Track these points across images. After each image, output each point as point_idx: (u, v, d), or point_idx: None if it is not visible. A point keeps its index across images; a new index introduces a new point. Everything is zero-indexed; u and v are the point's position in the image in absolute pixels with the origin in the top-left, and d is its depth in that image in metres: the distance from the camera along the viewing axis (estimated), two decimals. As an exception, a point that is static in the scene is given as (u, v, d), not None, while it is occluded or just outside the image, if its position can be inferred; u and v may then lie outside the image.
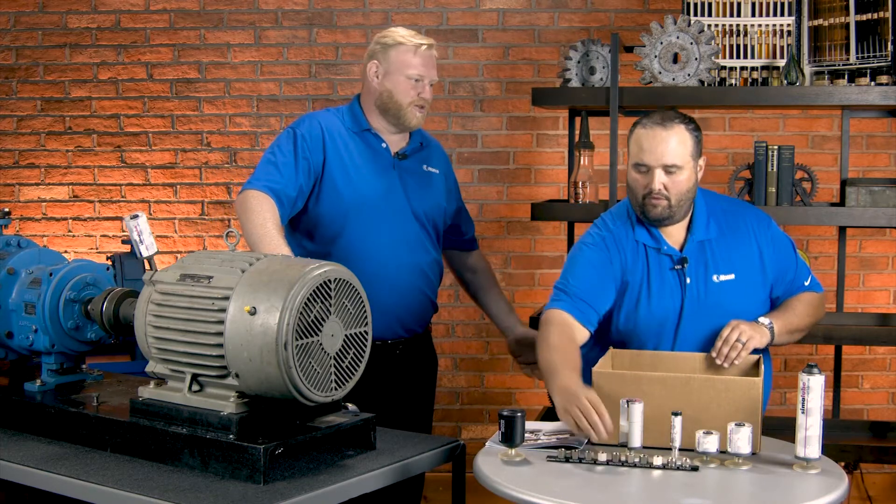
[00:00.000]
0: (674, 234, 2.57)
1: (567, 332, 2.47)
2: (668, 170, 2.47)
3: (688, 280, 2.53)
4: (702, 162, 2.57)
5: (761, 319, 2.48)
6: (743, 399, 2.15)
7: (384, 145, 2.85)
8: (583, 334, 2.51)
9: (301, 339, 1.94)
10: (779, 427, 2.76)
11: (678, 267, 2.54)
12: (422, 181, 2.89)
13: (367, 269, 2.53)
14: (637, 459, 2.08)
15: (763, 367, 2.40)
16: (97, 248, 4.56)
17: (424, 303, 2.91)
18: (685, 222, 2.57)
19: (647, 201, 2.50)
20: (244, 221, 2.61)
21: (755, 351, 2.48)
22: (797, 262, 2.64)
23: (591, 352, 2.56)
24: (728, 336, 2.40)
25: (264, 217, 2.59)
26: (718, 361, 2.39)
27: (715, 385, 2.17)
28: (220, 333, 1.99)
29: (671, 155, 2.46)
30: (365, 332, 2.10)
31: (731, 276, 2.53)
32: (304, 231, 2.84)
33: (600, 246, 2.59)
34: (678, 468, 2.06)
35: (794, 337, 2.59)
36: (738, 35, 3.58)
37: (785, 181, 3.47)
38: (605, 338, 2.61)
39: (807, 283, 2.64)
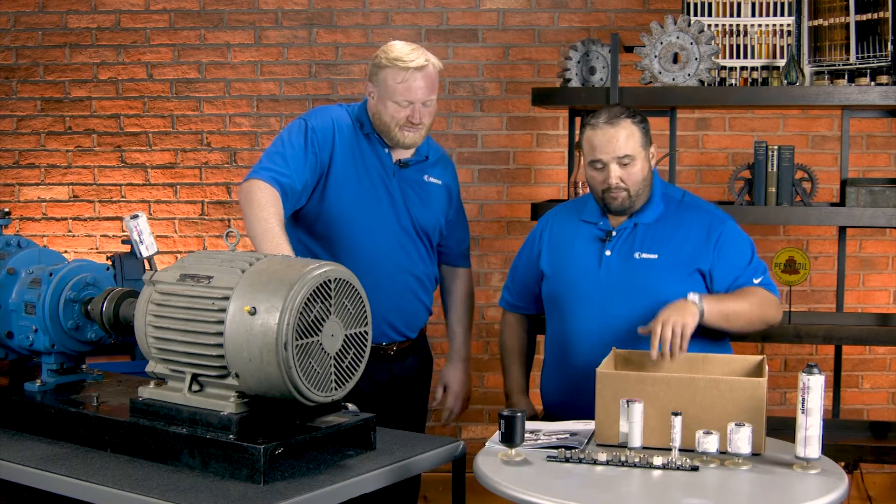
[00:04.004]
0: (619, 216, 2.69)
1: (514, 330, 2.95)
2: (622, 161, 2.59)
3: (607, 252, 2.64)
4: (653, 150, 2.69)
5: (690, 296, 2.46)
6: (747, 399, 2.15)
7: (387, 151, 2.82)
8: (525, 320, 2.95)
9: (301, 339, 1.94)
10: (779, 427, 2.75)
11: (604, 240, 2.67)
12: (420, 191, 2.86)
13: (362, 270, 2.51)
14: (637, 459, 2.08)
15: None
16: (97, 248, 4.56)
17: (418, 308, 2.90)
18: None
19: (608, 195, 2.64)
20: (247, 212, 2.55)
21: (720, 347, 2.56)
22: (749, 263, 2.64)
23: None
24: (663, 334, 2.38)
25: (269, 212, 2.53)
26: (654, 356, 2.37)
27: (719, 385, 2.17)
28: (220, 333, 1.99)
29: (623, 147, 2.58)
30: (365, 332, 2.10)
31: (654, 256, 2.61)
32: (304, 226, 2.81)
33: (527, 242, 2.91)
34: (678, 468, 2.05)
35: (732, 324, 2.54)
36: (738, 35, 3.58)
37: (785, 181, 3.47)
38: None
39: (756, 281, 2.63)
